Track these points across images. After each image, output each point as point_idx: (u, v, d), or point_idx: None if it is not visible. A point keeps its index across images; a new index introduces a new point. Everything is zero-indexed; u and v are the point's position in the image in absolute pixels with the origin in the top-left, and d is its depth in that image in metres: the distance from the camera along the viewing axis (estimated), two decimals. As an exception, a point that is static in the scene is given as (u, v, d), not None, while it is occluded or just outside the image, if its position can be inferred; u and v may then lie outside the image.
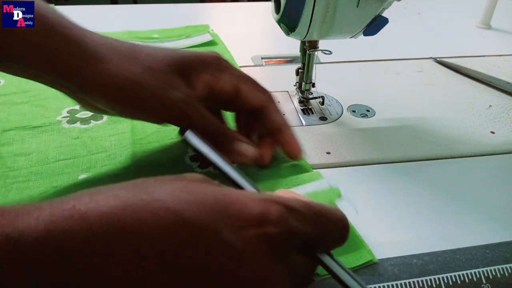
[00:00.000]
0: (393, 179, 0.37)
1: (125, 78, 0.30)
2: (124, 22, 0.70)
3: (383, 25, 0.39)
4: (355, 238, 0.30)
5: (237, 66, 0.56)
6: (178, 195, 0.19)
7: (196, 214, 0.18)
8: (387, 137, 0.43)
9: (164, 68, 0.31)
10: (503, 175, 0.39)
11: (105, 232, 0.17)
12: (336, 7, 0.37)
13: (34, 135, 0.40)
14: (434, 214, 0.34)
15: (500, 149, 0.42)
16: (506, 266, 0.29)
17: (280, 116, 0.36)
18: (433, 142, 0.42)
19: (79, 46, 0.30)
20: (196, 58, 0.33)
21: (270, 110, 0.35)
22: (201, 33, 0.65)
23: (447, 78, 0.56)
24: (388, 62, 0.60)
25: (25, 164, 0.36)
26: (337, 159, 0.39)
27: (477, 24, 0.76)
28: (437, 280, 0.27)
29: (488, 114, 0.48)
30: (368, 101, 0.49)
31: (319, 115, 0.46)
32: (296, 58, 0.60)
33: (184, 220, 0.18)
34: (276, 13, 0.40)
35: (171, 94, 0.30)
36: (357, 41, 0.43)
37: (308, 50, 0.43)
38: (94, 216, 0.17)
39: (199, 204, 0.19)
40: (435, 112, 0.48)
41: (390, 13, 0.39)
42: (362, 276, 0.27)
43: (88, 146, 0.39)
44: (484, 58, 0.63)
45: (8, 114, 0.42)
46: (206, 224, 0.18)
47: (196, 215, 0.18)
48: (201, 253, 0.18)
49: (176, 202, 0.19)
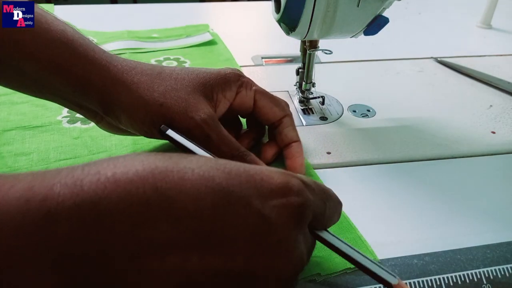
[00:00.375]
0: (393, 179, 0.37)
1: (151, 101, 0.31)
2: (124, 22, 0.70)
3: (383, 24, 0.39)
4: (356, 238, 0.30)
5: (237, 66, 0.56)
6: (206, 164, 0.20)
7: (226, 181, 0.19)
8: (387, 137, 0.43)
9: (189, 89, 0.32)
10: (504, 175, 0.38)
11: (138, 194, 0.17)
12: (336, 7, 0.37)
13: (34, 135, 0.40)
14: (434, 214, 0.34)
15: (501, 149, 0.42)
16: (507, 267, 0.29)
17: (292, 132, 0.37)
18: (433, 142, 0.42)
19: (108, 70, 0.31)
20: (218, 77, 0.34)
21: (285, 125, 0.37)
22: (201, 32, 0.65)
23: (448, 78, 0.56)
24: (389, 62, 0.60)
25: (26, 164, 0.36)
26: (337, 159, 0.39)
27: (478, 24, 0.76)
28: (438, 280, 0.27)
29: (488, 114, 0.48)
30: (368, 101, 0.49)
31: (319, 115, 0.46)
32: (296, 58, 0.60)
33: (217, 185, 0.18)
34: (276, 13, 0.40)
35: (195, 115, 0.31)
36: (357, 40, 0.43)
37: (309, 50, 0.43)
38: (125, 179, 0.17)
39: (227, 173, 0.19)
40: (436, 112, 0.48)
41: (390, 13, 0.39)
42: (362, 276, 0.27)
43: (88, 146, 0.38)
44: (484, 58, 0.63)
45: (9, 114, 0.42)
46: (236, 191, 0.19)
47: (226, 182, 0.19)
48: (233, 218, 0.18)
49: (205, 170, 0.19)
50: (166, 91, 0.32)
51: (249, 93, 0.35)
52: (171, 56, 0.58)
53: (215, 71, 0.35)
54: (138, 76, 0.32)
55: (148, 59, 0.57)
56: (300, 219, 0.21)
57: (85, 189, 0.17)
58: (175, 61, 0.57)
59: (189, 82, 0.33)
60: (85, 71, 0.31)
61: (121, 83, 0.31)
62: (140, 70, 0.33)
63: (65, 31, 0.31)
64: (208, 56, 0.59)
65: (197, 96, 0.32)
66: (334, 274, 0.27)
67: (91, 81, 0.31)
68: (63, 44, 0.30)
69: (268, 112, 0.36)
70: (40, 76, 0.30)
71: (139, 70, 0.32)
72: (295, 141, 0.37)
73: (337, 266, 0.27)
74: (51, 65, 0.30)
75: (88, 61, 0.31)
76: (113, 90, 0.31)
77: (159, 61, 0.57)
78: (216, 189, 0.18)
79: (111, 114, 0.32)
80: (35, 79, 0.31)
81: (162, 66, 0.34)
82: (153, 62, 0.56)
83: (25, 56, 0.29)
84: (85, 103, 0.32)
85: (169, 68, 0.34)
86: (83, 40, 0.32)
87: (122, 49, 0.58)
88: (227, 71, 0.35)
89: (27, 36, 0.29)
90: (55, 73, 0.30)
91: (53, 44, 0.30)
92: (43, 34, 0.30)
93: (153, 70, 0.33)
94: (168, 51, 0.60)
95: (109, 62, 0.32)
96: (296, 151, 0.36)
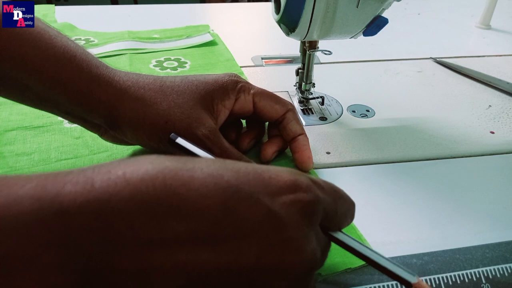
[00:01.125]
0: (392, 179, 0.37)
1: (156, 118, 0.32)
2: (125, 22, 0.70)
3: (383, 25, 0.39)
4: (356, 237, 0.30)
5: (238, 66, 0.56)
6: (214, 163, 0.20)
7: (235, 179, 0.19)
8: (387, 137, 0.43)
9: (191, 103, 0.33)
10: (503, 175, 0.39)
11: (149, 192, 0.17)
12: (336, 8, 0.37)
13: (35, 135, 0.40)
14: (434, 214, 0.34)
15: (500, 149, 0.42)
16: (505, 266, 0.29)
17: (296, 125, 0.37)
18: (432, 142, 0.42)
19: (111, 85, 0.32)
20: (216, 87, 0.35)
21: (288, 119, 0.37)
22: (201, 33, 0.65)
23: (447, 78, 0.56)
24: (388, 62, 0.60)
25: (27, 163, 0.36)
26: (337, 159, 0.39)
27: (477, 24, 0.77)
28: (437, 280, 0.28)
29: (487, 114, 0.48)
30: (368, 101, 0.49)
31: (319, 115, 0.46)
32: (296, 58, 0.60)
33: (225, 183, 0.19)
34: (276, 14, 0.40)
35: (197, 130, 0.32)
36: (357, 41, 0.43)
37: (308, 51, 0.43)
38: (135, 178, 0.18)
39: (235, 172, 0.20)
40: (435, 112, 0.48)
41: (390, 14, 0.39)
42: (362, 276, 0.27)
43: (89, 145, 0.39)
44: (483, 58, 0.63)
45: (10, 114, 0.42)
46: (245, 188, 0.19)
47: (235, 180, 0.19)
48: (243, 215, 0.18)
49: (214, 169, 0.19)
50: (170, 107, 0.32)
51: (248, 97, 0.36)
52: (171, 56, 0.58)
53: (213, 79, 0.35)
54: (141, 91, 0.33)
55: (149, 59, 0.57)
56: (310, 215, 0.21)
57: (96, 187, 0.17)
58: (176, 61, 0.57)
59: (190, 95, 0.33)
60: (89, 87, 0.31)
61: (126, 99, 0.32)
62: (142, 84, 0.33)
63: (68, 46, 0.31)
64: (209, 56, 0.59)
65: (198, 111, 0.33)
66: (334, 274, 0.27)
67: (95, 97, 0.31)
68: (66, 60, 0.31)
69: (269, 111, 0.37)
70: (44, 91, 0.31)
71: (142, 85, 0.33)
72: (300, 134, 0.37)
73: (337, 266, 0.28)
74: (55, 81, 0.31)
75: (92, 77, 0.31)
76: (118, 106, 0.32)
77: (160, 61, 0.57)
78: (225, 186, 0.19)
79: (116, 129, 0.33)
80: (38, 93, 0.31)
81: (162, 78, 0.35)
82: (153, 63, 0.56)
83: (29, 72, 0.30)
84: (89, 117, 0.33)
85: (169, 80, 0.34)
86: (85, 56, 0.32)
87: (123, 50, 0.58)
88: (225, 78, 0.35)
89: (31, 52, 0.30)
90: (59, 89, 0.31)
91: (57, 60, 0.30)
92: (47, 50, 0.30)
93: (154, 83, 0.34)
94: (168, 52, 0.60)
95: (112, 78, 0.32)
96: (303, 144, 0.37)
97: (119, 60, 0.56)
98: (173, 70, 0.55)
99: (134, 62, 0.56)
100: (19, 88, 0.31)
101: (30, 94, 0.32)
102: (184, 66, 0.56)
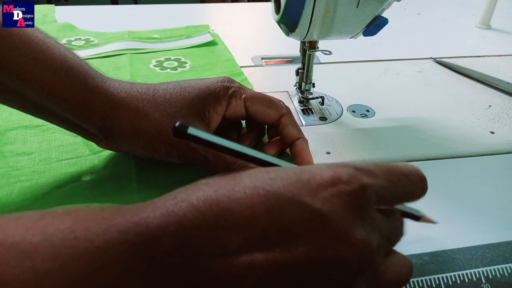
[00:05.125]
0: (393, 179, 0.37)
1: (150, 129, 0.33)
2: (125, 22, 0.70)
3: (383, 25, 0.39)
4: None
5: (238, 66, 0.56)
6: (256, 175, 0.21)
7: (275, 186, 0.20)
8: (387, 137, 0.43)
9: (183, 111, 0.34)
10: (503, 175, 0.39)
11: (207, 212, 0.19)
12: (336, 8, 0.37)
13: (36, 134, 0.40)
14: (433, 214, 0.34)
15: (500, 149, 0.42)
16: (505, 266, 0.29)
17: (294, 129, 0.37)
18: (432, 142, 0.42)
19: (106, 96, 0.33)
20: (207, 93, 0.35)
21: (284, 124, 0.37)
22: (201, 33, 0.66)
23: (447, 78, 0.56)
24: (388, 62, 0.60)
25: (28, 163, 0.36)
26: (337, 159, 0.39)
27: (477, 24, 0.77)
28: (437, 280, 0.28)
29: (487, 114, 0.48)
30: (367, 101, 0.49)
31: (319, 115, 0.46)
32: (296, 58, 0.60)
33: (266, 191, 0.20)
34: (276, 14, 0.40)
35: None
36: (357, 41, 0.43)
37: (308, 51, 0.43)
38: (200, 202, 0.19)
39: (274, 179, 0.20)
40: (435, 112, 0.48)
41: (389, 14, 0.39)
42: (362, 275, 0.27)
43: (90, 145, 0.39)
44: (483, 58, 0.63)
45: (10, 114, 0.43)
46: (286, 193, 0.20)
47: (275, 186, 0.20)
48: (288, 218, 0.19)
49: (257, 180, 0.20)
50: (162, 117, 0.33)
51: (239, 102, 0.36)
52: (171, 56, 0.59)
53: (205, 85, 0.35)
54: (135, 102, 0.33)
55: (149, 59, 0.57)
56: (357, 205, 0.21)
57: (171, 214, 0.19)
58: (176, 61, 0.57)
59: (182, 103, 0.34)
60: (85, 98, 0.32)
61: (120, 110, 0.33)
62: (136, 95, 0.34)
63: (65, 57, 0.32)
64: (209, 56, 0.59)
65: (190, 119, 0.33)
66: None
67: (90, 108, 0.32)
68: (64, 71, 0.32)
69: (262, 115, 0.36)
70: (41, 101, 0.32)
71: (135, 95, 0.34)
72: (297, 138, 0.37)
73: None
74: (52, 92, 0.31)
75: (87, 88, 0.32)
76: (112, 117, 0.33)
77: (160, 61, 0.57)
78: (267, 195, 0.20)
79: (111, 138, 0.34)
80: (35, 103, 0.32)
81: (155, 87, 0.35)
82: (153, 63, 0.56)
83: (27, 82, 0.31)
84: (85, 126, 0.34)
85: (162, 88, 0.35)
86: (82, 67, 0.33)
87: (123, 50, 0.59)
88: (217, 84, 0.35)
89: (30, 62, 0.30)
90: (56, 100, 0.32)
91: (54, 71, 0.31)
92: (45, 61, 0.31)
93: (147, 93, 0.34)
94: (168, 52, 0.60)
95: (107, 90, 0.33)
96: (301, 149, 0.37)
97: (119, 60, 0.56)
98: (173, 70, 0.55)
99: (134, 62, 0.56)
100: (17, 97, 0.32)
101: (27, 103, 0.33)
102: (184, 66, 0.56)
